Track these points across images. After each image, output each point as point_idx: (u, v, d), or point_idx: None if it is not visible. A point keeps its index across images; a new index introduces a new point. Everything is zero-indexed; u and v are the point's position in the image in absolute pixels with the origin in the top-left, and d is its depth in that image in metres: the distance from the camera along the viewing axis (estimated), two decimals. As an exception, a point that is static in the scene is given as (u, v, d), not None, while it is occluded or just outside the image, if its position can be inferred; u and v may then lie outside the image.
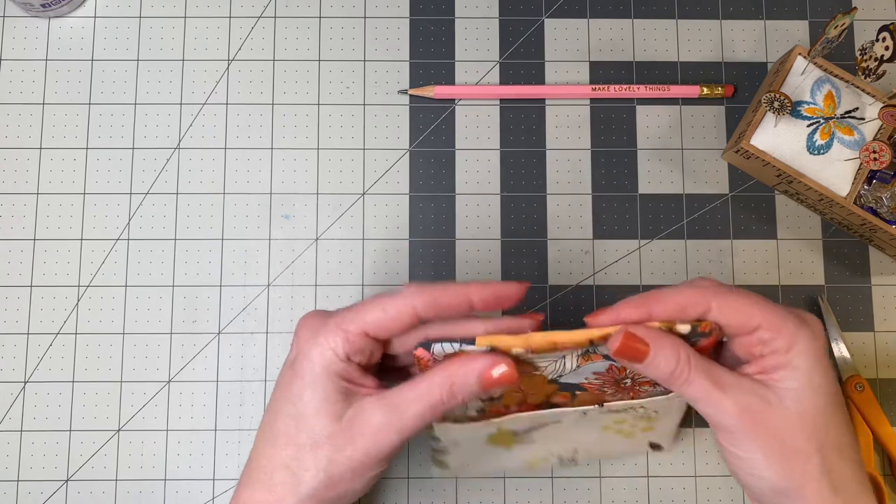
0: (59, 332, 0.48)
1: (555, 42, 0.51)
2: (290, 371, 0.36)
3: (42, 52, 0.51)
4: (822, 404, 0.35)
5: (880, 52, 0.42)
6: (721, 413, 0.34)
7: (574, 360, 0.36)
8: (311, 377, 0.35)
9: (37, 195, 0.49)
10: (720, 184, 0.50)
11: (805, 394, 0.34)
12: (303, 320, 0.37)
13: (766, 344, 0.35)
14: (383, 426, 0.35)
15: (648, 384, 0.38)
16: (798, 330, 0.35)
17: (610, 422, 0.41)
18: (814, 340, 0.35)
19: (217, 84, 0.51)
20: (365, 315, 0.35)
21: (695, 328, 0.35)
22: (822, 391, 0.35)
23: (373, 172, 0.50)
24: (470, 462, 0.43)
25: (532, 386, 0.38)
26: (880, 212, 0.47)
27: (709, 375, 0.35)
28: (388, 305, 0.35)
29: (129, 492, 0.47)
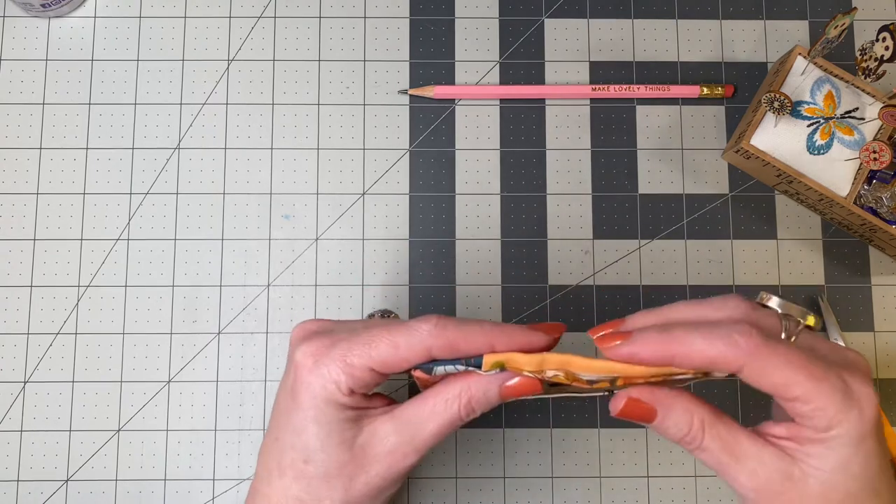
0: (59, 332, 0.48)
1: (555, 42, 0.51)
2: (290, 400, 0.33)
3: (42, 52, 0.51)
4: (854, 490, 0.30)
5: (880, 52, 0.42)
6: (736, 485, 0.32)
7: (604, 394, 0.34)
8: (315, 411, 0.33)
9: (37, 195, 0.49)
10: (720, 184, 0.50)
11: (836, 478, 0.30)
12: (301, 341, 0.34)
13: (804, 417, 0.30)
14: (398, 448, 0.33)
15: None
16: (843, 411, 0.30)
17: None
18: (860, 422, 0.30)
19: (217, 84, 0.51)
20: (373, 351, 0.32)
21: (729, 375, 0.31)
22: (857, 477, 0.30)
23: (373, 172, 0.50)
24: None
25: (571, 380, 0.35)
26: (880, 212, 0.47)
27: (725, 444, 0.32)
28: (401, 343, 0.32)
29: (129, 492, 0.47)
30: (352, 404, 0.33)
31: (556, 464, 0.48)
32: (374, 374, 0.33)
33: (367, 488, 0.33)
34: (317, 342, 0.33)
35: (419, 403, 0.33)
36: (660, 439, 0.48)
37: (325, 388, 0.32)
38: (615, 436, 0.48)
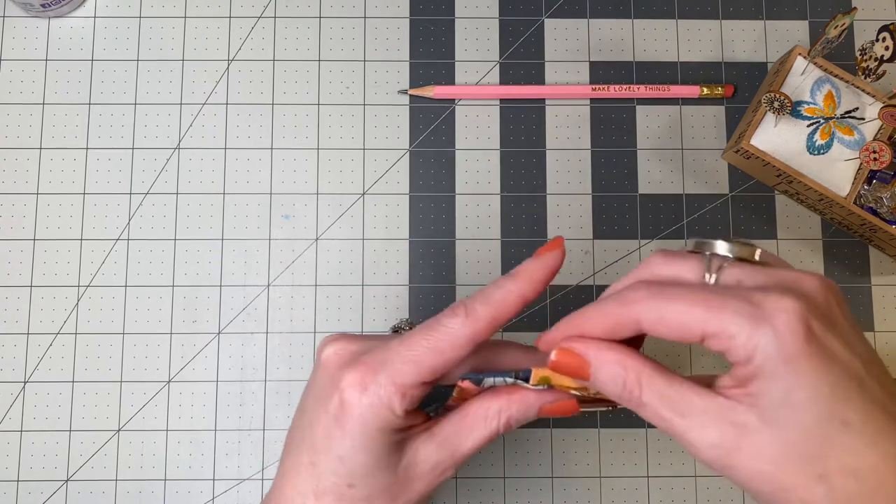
0: (58, 332, 0.48)
1: (555, 42, 0.51)
2: (335, 427, 0.31)
3: (42, 52, 0.51)
4: (810, 423, 0.26)
5: (880, 52, 0.42)
6: (688, 446, 0.28)
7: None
8: (364, 439, 0.31)
9: (37, 195, 0.49)
10: (720, 184, 0.50)
11: (785, 414, 0.26)
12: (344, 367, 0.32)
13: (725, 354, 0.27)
14: (439, 465, 0.33)
15: None
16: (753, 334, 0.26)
17: None
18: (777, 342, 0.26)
19: (217, 84, 0.51)
20: (420, 365, 0.31)
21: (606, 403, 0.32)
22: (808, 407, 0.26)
23: (373, 172, 0.50)
24: None
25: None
26: (880, 212, 0.47)
27: (665, 399, 0.28)
28: (445, 346, 0.31)
29: (129, 492, 0.47)
30: (403, 425, 0.32)
31: (556, 464, 0.48)
32: (426, 386, 0.32)
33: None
34: (362, 368, 0.31)
35: (459, 421, 0.33)
36: (660, 439, 0.48)
37: (378, 416, 0.31)
38: (615, 436, 0.48)
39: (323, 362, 0.33)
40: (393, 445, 0.32)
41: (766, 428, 0.26)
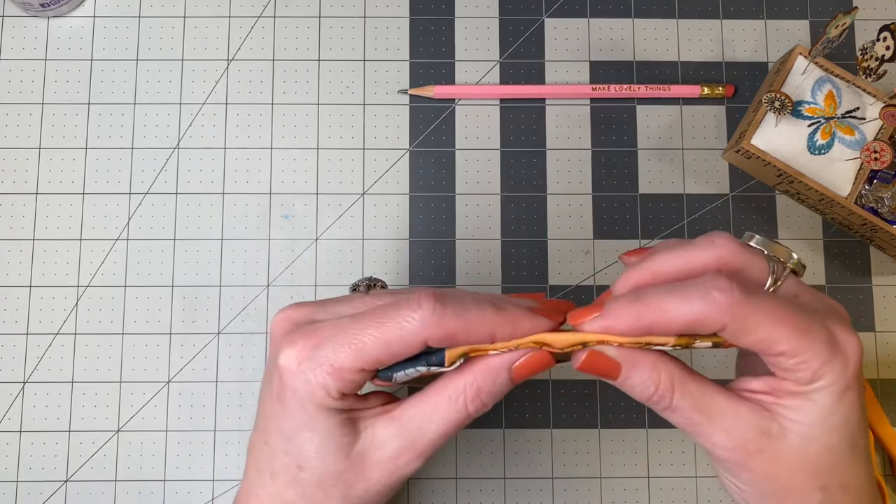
0: (58, 333, 0.48)
1: (555, 42, 0.51)
2: (278, 404, 0.30)
3: (41, 52, 0.51)
4: (833, 443, 0.29)
5: (881, 51, 0.42)
6: (711, 446, 0.30)
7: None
8: (305, 416, 0.30)
9: (36, 195, 0.49)
10: (720, 184, 0.50)
11: (815, 432, 0.29)
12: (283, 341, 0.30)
13: (785, 370, 0.29)
14: (400, 454, 0.30)
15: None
16: (828, 361, 0.28)
17: None
18: (844, 373, 0.28)
19: (216, 84, 0.50)
20: (362, 351, 0.29)
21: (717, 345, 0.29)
22: (837, 430, 0.29)
23: (373, 172, 0.50)
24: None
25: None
26: (881, 212, 0.46)
27: (696, 402, 0.29)
28: (393, 340, 0.28)
29: (128, 492, 0.47)
30: (344, 407, 0.30)
31: (556, 464, 0.48)
32: (365, 373, 0.30)
33: (366, 494, 0.31)
34: (300, 343, 0.30)
35: (420, 402, 0.30)
36: (660, 439, 0.48)
37: (313, 394, 0.29)
38: (615, 436, 0.48)
39: (270, 332, 0.31)
40: (341, 426, 0.30)
41: (790, 438, 0.29)
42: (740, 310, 0.27)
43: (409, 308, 0.28)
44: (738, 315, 0.27)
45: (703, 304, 0.27)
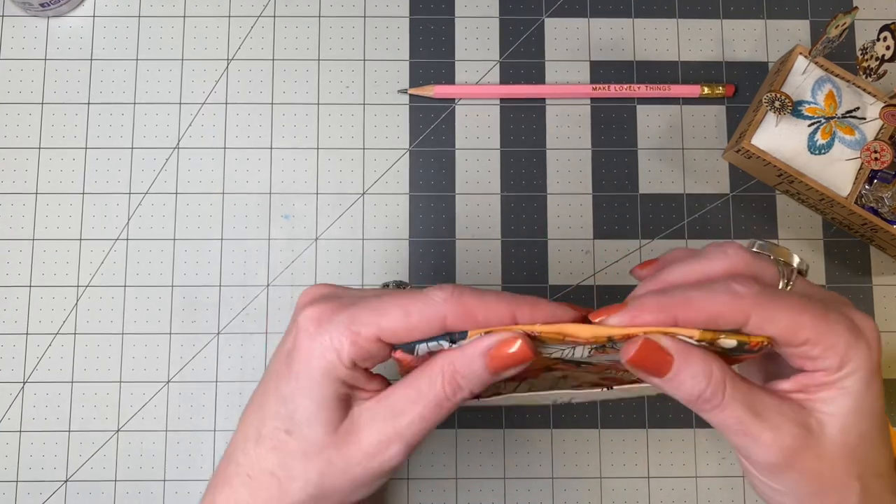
0: (58, 333, 0.48)
1: (555, 41, 0.51)
2: (284, 365, 0.31)
3: (41, 52, 0.50)
4: (867, 429, 0.30)
5: (881, 51, 0.42)
6: (758, 447, 0.29)
7: (586, 350, 0.31)
8: (308, 381, 0.30)
9: (36, 195, 0.49)
10: (721, 184, 0.50)
11: (852, 420, 0.29)
12: (308, 304, 0.31)
13: (813, 361, 0.29)
14: (382, 438, 0.30)
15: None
16: (853, 346, 0.29)
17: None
18: (868, 359, 0.29)
19: (216, 83, 0.50)
20: (383, 318, 0.29)
21: (742, 344, 0.29)
22: (869, 414, 0.30)
23: (373, 172, 0.50)
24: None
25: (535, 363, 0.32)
26: (881, 212, 0.46)
27: (746, 402, 0.29)
28: (414, 311, 0.29)
29: (128, 492, 0.47)
30: (349, 380, 0.30)
31: (556, 464, 0.48)
32: (381, 345, 0.30)
33: (344, 476, 0.30)
34: (322, 306, 0.30)
35: (403, 385, 0.31)
36: (660, 439, 0.48)
37: (324, 356, 0.29)
38: (615, 436, 0.48)
39: (296, 303, 0.32)
40: (337, 400, 0.30)
41: (829, 431, 0.29)
42: (762, 300, 0.28)
43: (434, 288, 0.29)
44: (761, 305, 0.28)
45: (728, 297, 0.28)
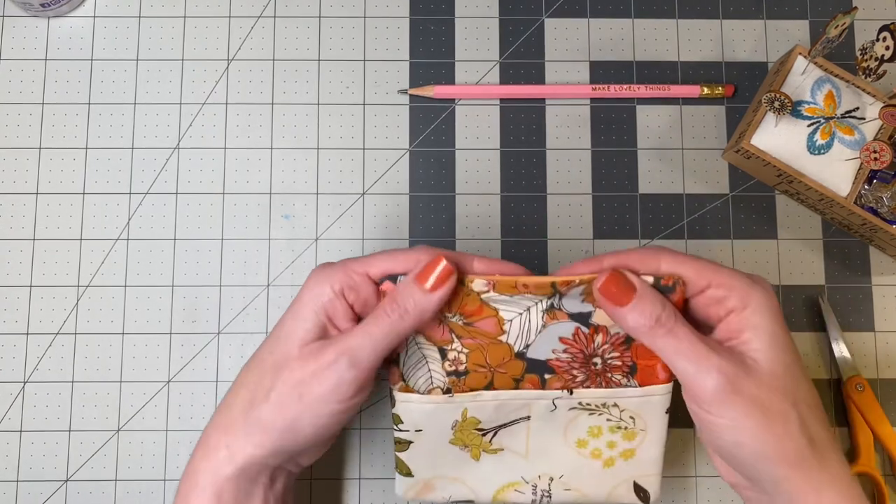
0: (58, 332, 0.48)
1: (555, 42, 0.51)
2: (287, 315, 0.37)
3: (42, 52, 0.51)
4: (789, 361, 0.35)
5: (881, 51, 0.42)
6: (708, 373, 0.34)
7: (539, 315, 0.36)
8: (298, 307, 0.37)
9: (36, 195, 0.49)
10: (720, 184, 0.50)
11: (773, 353, 0.35)
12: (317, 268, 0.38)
13: (721, 303, 0.35)
14: (333, 355, 0.35)
15: (620, 371, 0.38)
16: (750, 288, 0.35)
17: (583, 430, 0.39)
18: (767, 298, 0.35)
19: (217, 84, 0.51)
20: (373, 260, 0.37)
21: (657, 280, 0.36)
22: (787, 348, 0.35)
23: (373, 172, 0.50)
24: (435, 467, 0.40)
25: (498, 357, 0.37)
26: (881, 212, 0.46)
27: (695, 332, 0.35)
28: (399, 255, 0.37)
29: (128, 492, 0.47)
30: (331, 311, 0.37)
31: (557, 464, 0.48)
32: (367, 280, 0.37)
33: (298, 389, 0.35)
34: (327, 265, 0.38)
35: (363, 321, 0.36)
36: (660, 439, 0.48)
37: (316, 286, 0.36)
38: (615, 436, 0.48)
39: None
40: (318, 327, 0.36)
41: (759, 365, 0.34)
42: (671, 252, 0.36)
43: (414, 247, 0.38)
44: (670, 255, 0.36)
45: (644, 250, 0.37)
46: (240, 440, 0.36)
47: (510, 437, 0.39)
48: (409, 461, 0.40)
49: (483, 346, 0.37)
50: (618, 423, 0.39)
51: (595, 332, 0.37)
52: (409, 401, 0.38)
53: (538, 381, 0.38)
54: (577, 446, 0.40)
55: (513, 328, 0.37)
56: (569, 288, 0.36)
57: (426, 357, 0.38)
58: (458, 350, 0.37)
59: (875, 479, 0.46)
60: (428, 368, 0.38)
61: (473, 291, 0.36)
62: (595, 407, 0.38)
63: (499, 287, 0.36)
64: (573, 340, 0.37)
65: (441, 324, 0.37)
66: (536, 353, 0.37)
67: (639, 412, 0.38)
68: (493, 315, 0.37)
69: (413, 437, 0.39)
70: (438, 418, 0.38)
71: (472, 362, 0.37)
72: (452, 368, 0.37)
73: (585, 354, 0.37)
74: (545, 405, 0.38)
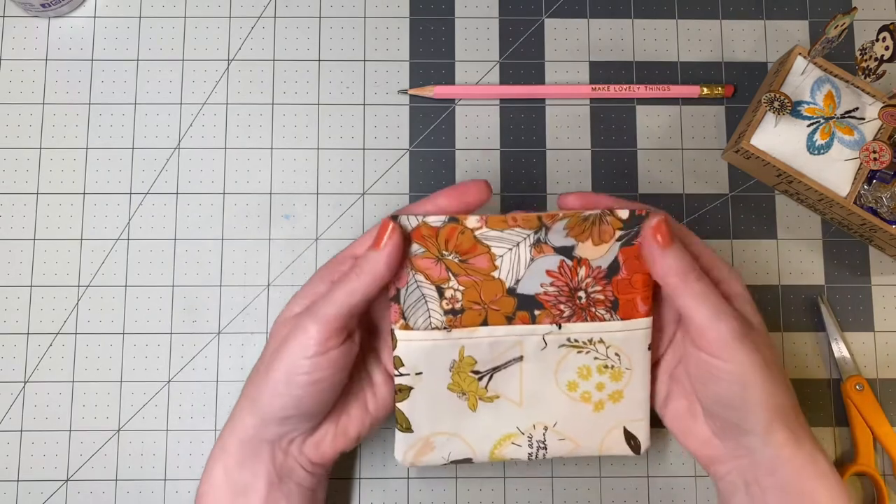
0: (59, 332, 0.48)
1: (555, 42, 0.51)
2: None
3: (42, 52, 0.51)
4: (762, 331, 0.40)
5: (880, 51, 0.42)
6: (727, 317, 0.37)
7: (527, 250, 0.39)
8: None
9: (37, 195, 0.49)
10: (720, 184, 0.50)
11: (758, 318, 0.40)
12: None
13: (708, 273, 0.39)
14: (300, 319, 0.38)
15: (603, 306, 0.40)
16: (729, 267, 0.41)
17: (573, 371, 0.41)
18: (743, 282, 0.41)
19: (217, 84, 0.51)
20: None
21: (633, 212, 0.38)
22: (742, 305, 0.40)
23: (373, 172, 0.50)
24: (433, 421, 0.41)
25: (491, 294, 0.39)
26: (880, 212, 0.47)
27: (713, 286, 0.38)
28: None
29: (128, 492, 0.47)
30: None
31: (556, 464, 0.48)
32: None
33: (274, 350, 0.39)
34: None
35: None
36: (660, 439, 0.48)
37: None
38: (615, 436, 0.48)
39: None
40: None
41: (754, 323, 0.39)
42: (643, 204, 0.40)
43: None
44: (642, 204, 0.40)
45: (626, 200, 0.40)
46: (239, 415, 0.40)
47: (505, 383, 0.41)
48: (410, 413, 0.41)
49: (477, 283, 0.39)
50: (605, 361, 0.41)
51: (578, 265, 0.39)
52: (409, 339, 0.39)
53: (528, 317, 0.40)
54: (569, 389, 0.41)
55: (504, 263, 0.39)
56: (553, 221, 0.38)
57: (425, 296, 0.39)
58: (454, 288, 0.39)
59: (875, 479, 0.47)
60: (427, 308, 0.39)
61: (468, 229, 0.38)
62: (582, 344, 0.40)
63: (490, 223, 0.38)
64: (559, 273, 0.39)
65: (438, 262, 0.39)
66: (526, 288, 0.39)
67: (623, 348, 0.40)
68: (485, 252, 0.39)
69: (413, 382, 0.40)
70: (437, 358, 0.40)
71: (467, 300, 0.39)
72: (449, 307, 0.39)
73: (570, 287, 0.40)
74: (536, 343, 0.40)
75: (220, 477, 0.40)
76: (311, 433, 0.41)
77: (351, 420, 0.41)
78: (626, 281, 0.40)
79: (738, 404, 0.38)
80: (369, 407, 0.42)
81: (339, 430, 0.41)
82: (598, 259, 0.39)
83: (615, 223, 0.39)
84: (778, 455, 0.38)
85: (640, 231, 0.39)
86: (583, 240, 0.39)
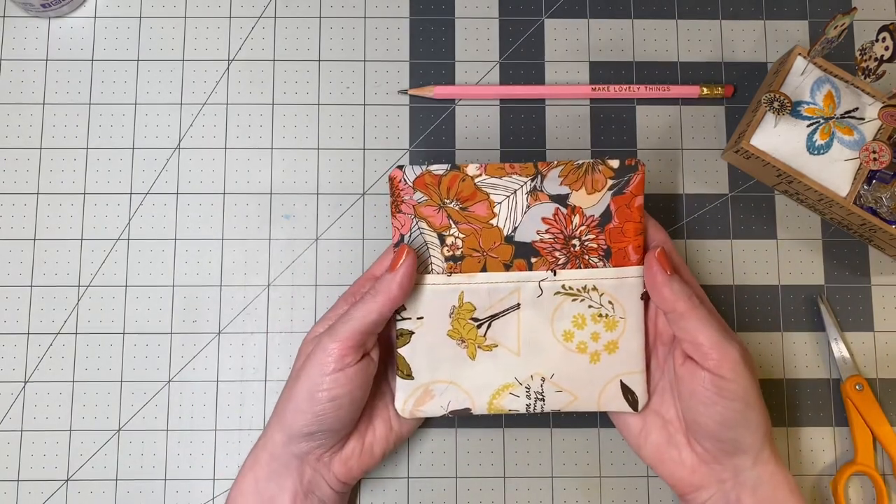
0: (59, 332, 0.48)
1: (555, 42, 0.52)
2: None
3: (42, 52, 0.51)
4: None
5: (880, 52, 0.42)
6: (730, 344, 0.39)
7: (524, 197, 0.41)
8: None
9: (37, 195, 0.49)
10: (720, 184, 0.50)
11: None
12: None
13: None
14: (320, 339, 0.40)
15: (596, 254, 0.42)
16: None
17: (568, 320, 0.42)
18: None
19: (217, 84, 0.51)
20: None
21: (623, 161, 0.41)
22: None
23: (373, 172, 0.50)
24: (433, 368, 0.42)
25: (490, 241, 0.41)
26: (880, 212, 0.47)
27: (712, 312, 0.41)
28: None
29: (129, 492, 0.47)
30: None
31: (556, 464, 0.48)
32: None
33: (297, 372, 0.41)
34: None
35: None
36: (660, 439, 0.48)
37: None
38: (615, 436, 0.48)
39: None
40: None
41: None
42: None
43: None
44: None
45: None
46: (270, 430, 0.42)
47: (503, 332, 0.42)
48: (411, 359, 0.42)
49: (477, 230, 0.41)
50: (598, 308, 0.42)
51: (572, 213, 0.41)
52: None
53: (525, 265, 0.42)
54: (564, 339, 0.42)
55: (502, 210, 0.41)
56: (549, 169, 0.41)
57: (427, 243, 0.42)
58: (455, 235, 0.41)
59: (874, 479, 0.47)
60: (429, 254, 0.41)
61: (468, 176, 0.41)
62: (577, 291, 0.42)
63: (489, 170, 0.41)
64: (554, 220, 0.41)
65: (440, 210, 0.41)
66: (523, 235, 0.41)
67: (615, 296, 0.42)
68: (484, 199, 0.41)
69: (414, 326, 0.42)
70: (438, 303, 0.42)
71: (467, 247, 0.42)
72: (450, 253, 0.42)
73: (565, 235, 0.42)
74: (532, 290, 0.42)
75: (251, 486, 0.41)
76: (338, 450, 0.42)
77: (376, 438, 0.43)
78: (618, 229, 0.42)
79: (741, 423, 0.39)
80: (393, 424, 0.44)
81: (366, 448, 0.43)
82: (591, 207, 0.41)
83: (606, 172, 0.41)
84: (762, 473, 0.40)
85: (630, 181, 0.41)
86: (576, 188, 0.41)
